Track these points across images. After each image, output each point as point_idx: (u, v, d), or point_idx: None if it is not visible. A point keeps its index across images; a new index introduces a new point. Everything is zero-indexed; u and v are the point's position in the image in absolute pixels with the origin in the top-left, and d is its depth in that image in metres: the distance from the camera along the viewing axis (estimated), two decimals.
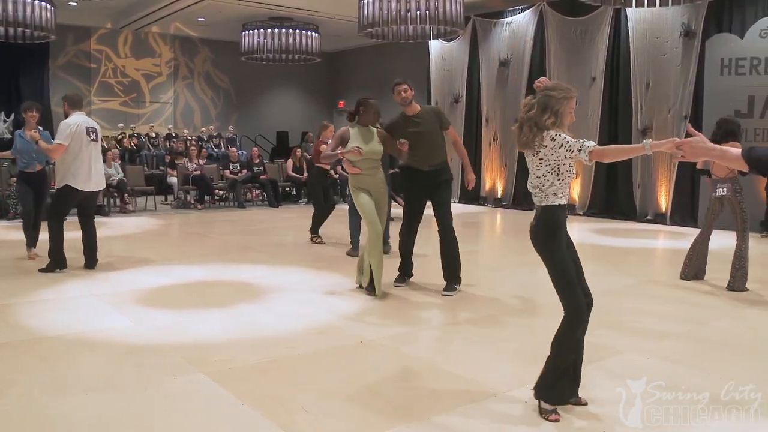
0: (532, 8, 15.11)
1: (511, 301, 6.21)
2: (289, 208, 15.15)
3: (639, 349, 4.83)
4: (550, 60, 14.74)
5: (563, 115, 3.75)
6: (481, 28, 16.20)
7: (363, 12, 12.05)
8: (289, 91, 22.46)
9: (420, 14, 11.72)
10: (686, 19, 12.55)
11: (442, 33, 13.36)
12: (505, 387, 3.98)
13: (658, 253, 10.23)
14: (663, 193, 13.12)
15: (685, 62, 12.62)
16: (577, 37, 14.29)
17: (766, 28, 11.62)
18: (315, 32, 17.50)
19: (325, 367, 4.35)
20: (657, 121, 13.07)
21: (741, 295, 6.62)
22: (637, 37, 13.31)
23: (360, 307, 5.98)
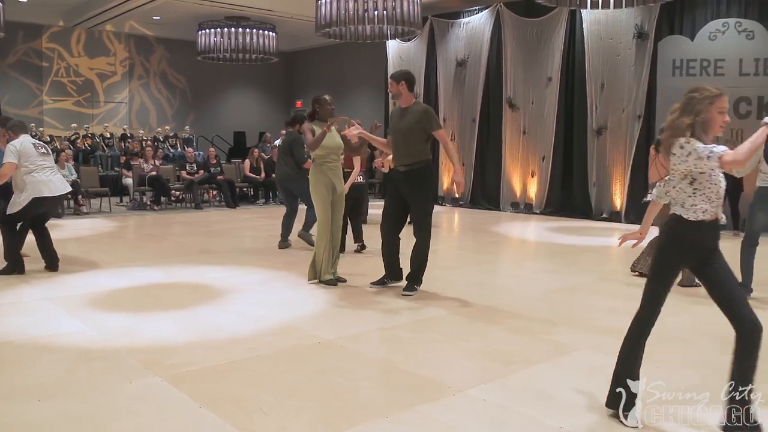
0: (489, 9, 15.24)
1: (469, 300, 6.24)
2: (247, 208, 15.04)
3: (595, 346, 4.89)
4: (506, 60, 14.89)
5: (708, 121, 3.32)
6: (439, 28, 16.28)
7: (320, 12, 12.02)
8: (247, 91, 22.32)
9: (377, 14, 11.74)
10: (639, 21, 12.78)
11: (399, 33, 13.38)
12: (464, 385, 4.00)
13: (614, 251, 10.38)
14: (618, 191, 13.33)
15: (639, 63, 12.85)
16: (534, 37, 14.45)
17: (714, 30, 11.91)
18: (272, 32, 17.41)
19: (284, 367, 4.33)
20: (611, 121, 13.28)
21: (692, 291, 6.75)
22: (591, 39, 13.51)
23: (318, 307, 5.96)
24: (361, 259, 8.46)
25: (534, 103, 14.53)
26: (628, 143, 13.08)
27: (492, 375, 4.20)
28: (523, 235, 11.90)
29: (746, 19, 11.72)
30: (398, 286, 6.61)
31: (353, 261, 8.31)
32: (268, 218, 12.86)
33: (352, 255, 8.69)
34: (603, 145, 13.46)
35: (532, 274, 7.96)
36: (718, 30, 11.88)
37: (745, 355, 3.31)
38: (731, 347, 3.49)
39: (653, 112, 12.58)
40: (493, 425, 3.49)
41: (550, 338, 5.08)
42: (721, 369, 4.38)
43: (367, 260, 8.42)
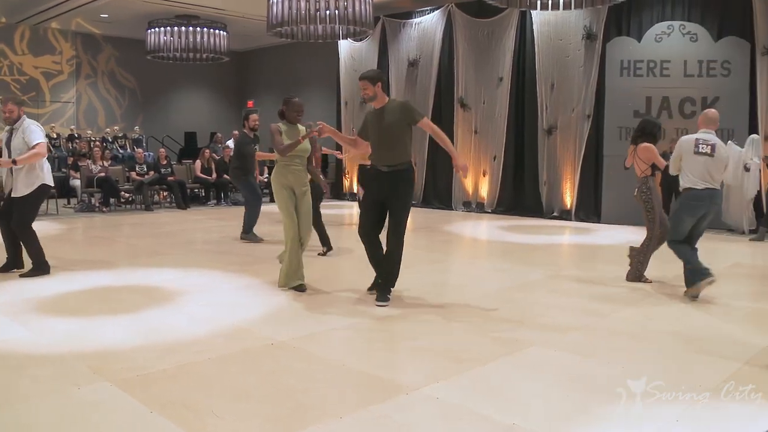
0: (441, 9, 15.33)
1: (422, 299, 6.26)
2: (198, 209, 14.88)
3: (546, 343, 4.95)
4: (458, 60, 15.00)
5: None
6: (391, 28, 16.32)
7: (272, 11, 11.95)
8: (197, 90, 22.06)
9: (329, 14, 11.72)
10: (588, 22, 13.00)
11: (351, 33, 13.39)
12: (418, 384, 4.01)
13: (564, 249, 10.52)
14: (568, 190, 13.53)
15: (588, 64, 13.07)
16: (485, 38, 14.58)
17: (660, 32, 12.18)
18: (223, 31, 17.25)
19: (236, 370, 4.29)
20: (561, 121, 13.48)
21: (639, 287, 6.88)
22: (542, 39, 13.69)
23: (271, 308, 5.92)
24: (313, 260, 8.43)
25: (485, 103, 14.66)
26: (578, 142, 13.29)
27: (445, 373, 4.22)
28: (476, 234, 11.99)
29: (690, 22, 12.01)
30: (349, 284, 6.61)
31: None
32: (219, 219, 12.74)
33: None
34: (553, 144, 13.65)
35: (485, 272, 8.03)
36: (664, 32, 12.15)
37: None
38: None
39: (602, 111, 12.80)
40: (447, 424, 3.50)
41: (503, 336, 5.13)
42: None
43: (319, 261, 8.41)
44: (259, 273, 7.45)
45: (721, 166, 6.44)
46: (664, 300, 6.39)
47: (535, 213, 13.90)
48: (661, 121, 7.52)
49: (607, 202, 12.71)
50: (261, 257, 8.61)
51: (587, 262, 9.03)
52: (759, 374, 4.30)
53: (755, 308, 6.22)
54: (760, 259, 9.12)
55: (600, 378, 4.20)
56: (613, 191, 12.50)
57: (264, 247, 9.34)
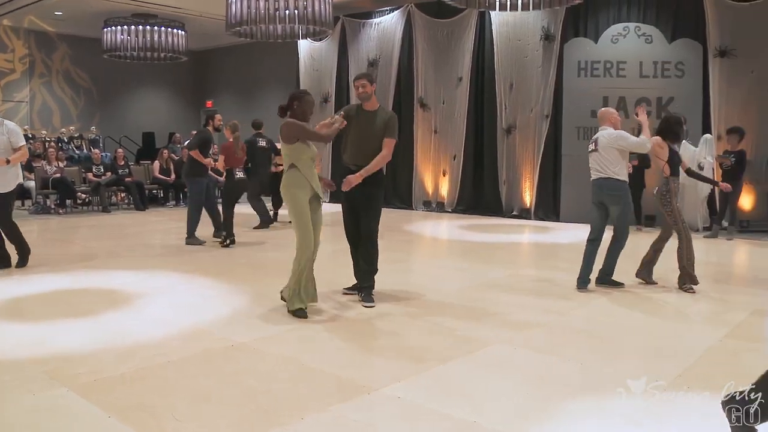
0: (400, 9, 15.37)
1: (383, 299, 6.27)
2: (157, 211, 14.71)
3: (506, 340, 5.00)
4: (418, 60, 15.06)
5: None
6: (350, 28, 16.32)
7: (231, 10, 11.87)
8: (155, 90, 21.80)
9: (289, 14, 11.68)
10: (546, 23, 13.15)
11: (311, 33, 13.37)
12: (379, 384, 4.03)
13: (524, 247, 10.63)
14: (527, 189, 13.67)
15: (546, 64, 13.22)
16: (444, 38, 14.66)
17: (616, 34, 12.37)
18: (181, 30, 17.07)
19: (196, 372, 4.26)
20: (520, 120, 13.61)
21: (601, 287, 6.96)
22: (500, 40, 13.81)
23: (231, 309, 5.89)
24: (265, 260, 8.40)
25: (445, 102, 14.73)
26: (537, 142, 13.43)
27: (406, 373, 4.24)
28: (436, 233, 12.04)
29: (645, 24, 12.22)
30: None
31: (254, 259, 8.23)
32: (178, 220, 12.60)
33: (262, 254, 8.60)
34: (512, 144, 13.77)
35: (445, 271, 8.07)
36: (620, 33, 12.33)
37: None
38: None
39: (560, 111, 12.95)
40: (409, 423, 3.52)
41: (464, 334, 5.17)
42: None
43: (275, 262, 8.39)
44: (218, 274, 7.40)
45: (608, 155, 6.79)
46: (624, 298, 6.49)
47: (494, 212, 14.01)
48: (683, 117, 7.19)
49: (565, 201, 12.87)
50: (221, 259, 8.55)
51: (546, 260, 9.12)
52: (713, 368, 4.40)
53: (710, 304, 6.35)
54: (714, 255, 9.31)
55: (559, 375, 4.26)
56: (571, 190, 12.65)
57: (221, 249, 9.27)
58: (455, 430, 3.44)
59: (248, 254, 8.90)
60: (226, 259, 8.50)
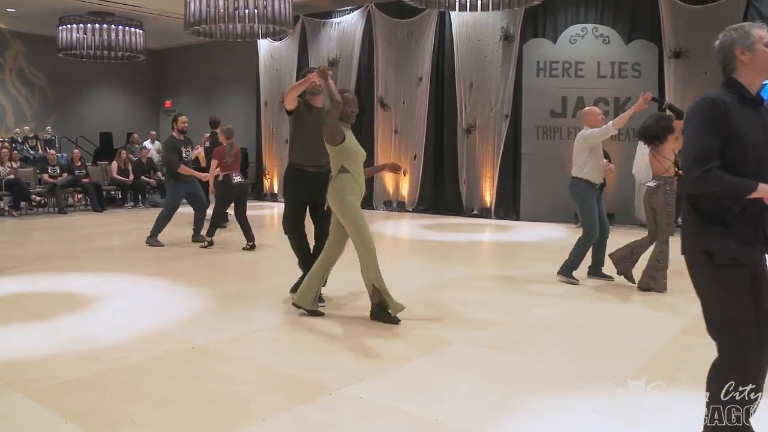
0: (360, 9, 15.36)
1: (344, 299, 6.28)
2: (115, 212, 14.51)
3: (468, 339, 5.03)
4: (378, 60, 15.06)
5: None
6: (310, 27, 16.27)
7: (189, 9, 11.72)
8: (113, 90, 21.47)
9: (248, 13, 11.57)
10: (505, 23, 13.25)
11: (270, 32, 13.27)
12: (341, 384, 4.02)
13: (484, 246, 10.70)
14: (487, 188, 13.76)
15: (505, 64, 13.32)
16: (404, 38, 14.69)
17: (575, 35, 12.51)
18: (139, 29, 16.81)
19: (156, 375, 4.21)
20: (480, 120, 13.69)
21: (561, 284, 7.04)
22: (460, 40, 13.88)
23: (191, 311, 5.83)
24: (233, 261, 8.34)
25: (405, 102, 14.76)
26: (497, 141, 13.52)
27: (368, 372, 4.25)
28: (397, 232, 12.07)
29: (602, 25, 12.39)
30: (268, 287, 6.56)
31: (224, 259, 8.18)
32: (137, 222, 12.45)
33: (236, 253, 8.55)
34: (472, 143, 13.86)
35: (406, 270, 8.08)
36: (578, 34, 12.48)
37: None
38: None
39: (519, 111, 13.07)
40: (371, 422, 3.52)
41: (425, 333, 5.19)
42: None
43: (239, 263, 8.34)
44: (179, 276, 7.32)
45: (577, 156, 7.03)
46: (585, 295, 6.57)
47: (455, 211, 14.08)
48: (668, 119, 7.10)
49: (525, 200, 12.99)
50: (182, 260, 8.47)
51: (507, 259, 9.20)
52: (671, 363, 4.48)
53: (669, 299, 6.46)
54: (671, 251, 9.46)
55: (521, 372, 4.30)
56: (531, 189, 12.78)
57: (183, 250, 9.18)
58: (417, 429, 3.45)
59: (210, 256, 8.82)
60: (187, 261, 8.41)
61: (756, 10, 11.19)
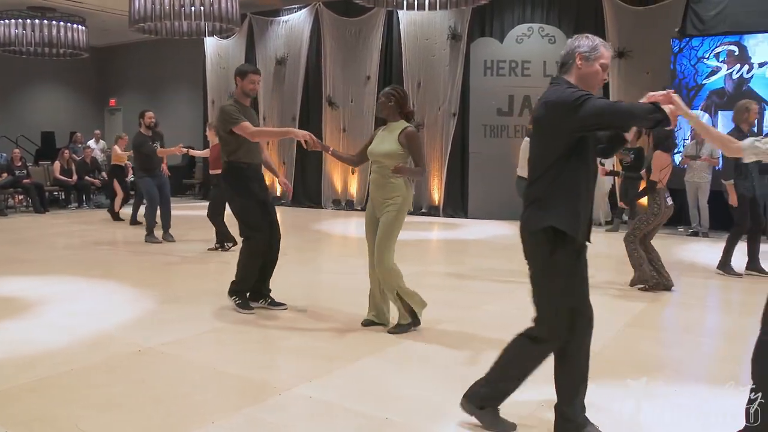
0: (308, 7, 15.33)
1: (292, 299, 6.23)
2: (58, 213, 14.19)
3: (417, 337, 5.06)
4: (326, 59, 15.05)
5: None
6: (258, 26, 16.16)
7: (133, 6, 11.52)
8: (55, 88, 20.99)
9: (195, 10, 11.43)
10: (453, 23, 13.36)
11: (217, 30, 13.13)
12: (290, 384, 4.01)
13: (433, 244, 10.77)
14: (436, 187, 13.85)
15: (453, 63, 13.44)
16: (352, 36, 14.70)
17: (521, 34, 12.68)
18: (81, 25, 16.45)
19: (102, 380, 4.13)
20: (428, 118, 13.79)
21: (511, 278, 7.14)
22: (408, 39, 13.95)
23: (137, 314, 5.74)
24: (186, 262, 8.24)
25: (353, 101, 14.78)
26: (445, 140, 13.63)
27: (317, 372, 4.24)
28: (346, 231, 12.06)
29: (548, 25, 12.59)
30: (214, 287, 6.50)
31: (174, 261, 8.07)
32: (81, 223, 12.21)
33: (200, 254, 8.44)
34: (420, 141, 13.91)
35: (355, 269, 8.07)
36: (525, 34, 12.66)
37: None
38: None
39: (467, 110, 13.20)
40: (320, 422, 3.52)
41: (374, 332, 5.20)
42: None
43: (186, 265, 8.24)
44: (124, 278, 7.19)
45: (522, 155, 7.33)
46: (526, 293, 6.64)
47: None
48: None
49: (473, 198, 13.11)
50: (127, 262, 8.33)
51: (455, 256, 9.27)
52: (615, 356, 4.57)
53: (612, 294, 6.58)
54: (615, 249, 9.65)
55: (470, 369, 4.33)
56: (479, 187, 12.90)
57: (131, 251, 9.04)
58: (368, 427, 3.46)
59: (156, 257, 8.70)
60: (133, 263, 8.28)
61: (694, 12, 11.50)
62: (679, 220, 11.75)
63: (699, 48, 11.48)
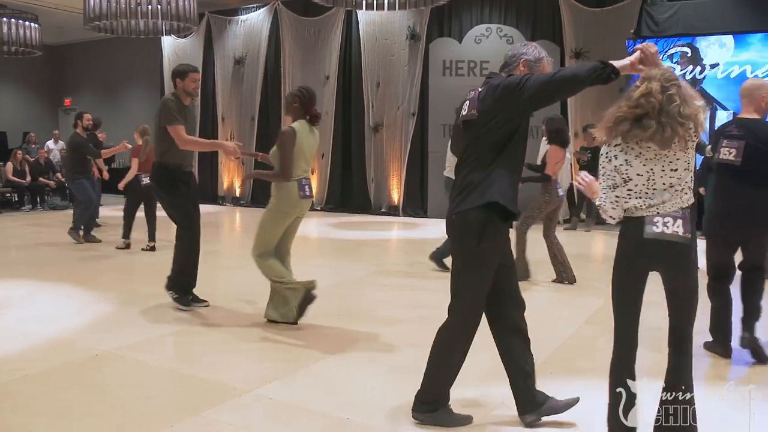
0: (267, 7, 15.25)
1: (252, 300, 6.21)
2: (11, 215, 13.89)
3: (377, 337, 5.07)
4: (285, 58, 14.99)
5: None
6: (216, 25, 16.03)
7: (88, 3, 11.31)
8: (6, 87, 20.55)
9: (151, 9, 11.27)
10: (412, 23, 13.41)
11: (175, 29, 12.98)
12: (250, 385, 3.99)
13: (393, 244, 10.80)
14: (395, 186, 13.89)
15: (412, 63, 13.49)
16: (311, 36, 14.66)
17: (479, 34, 12.78)
18: (34, 23, 16.12)
19: (58, 385, 4.06)
20: (387, 118, 13.81)
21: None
22: (367, 39, 13.96)
23: (93, 317, 5.65)
24: (135, 262, 8.14)
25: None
26: (404, 139, 13.67)
27: (277, 373, 4.22)
28: (305, 231, 11.99)
29: (506, 26, 12.71)
30: None
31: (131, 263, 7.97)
32: (35, 225, 11.98)
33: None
34: (380, 141, 13.96)
35: (315, 269, 8.05)
36: (483, 34, 12.76)
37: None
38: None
39: (426, 109, 13.27)
40: (281, 423, 3.51)
41: (334, 332, 5.20)
42: None
43: (141, 266, 8.14)
44: (82, 281, 7.07)
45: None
46: None
47: (363, 209, 14.16)
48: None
49: (433, 198, 13.17)
50: (84, 264, 8.20)
51: (415, 256, 9.28)
52: (574, 354, 4.63)
53: (571, 292, 6.67)
54: (574, 247, 9.77)
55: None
56: (438, 187, 12.89)
57: (86, 253, 8.89)
58: (329, 427, 3.46)
59: (114, 259, 8.58)
60: (90, 265, 8.16)
61: (648, 14, 11.71)
62: None
63: None
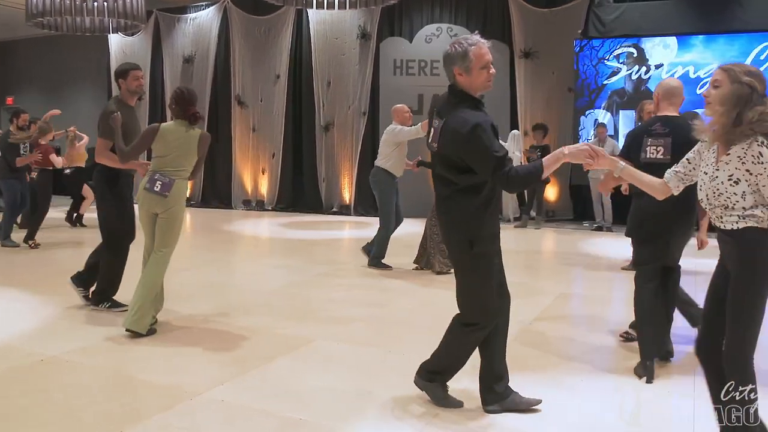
0: (216, 5, 15.11)
1: (203, 301, 6.14)
2: None
3: (329, 336, 5.05)
4: (234, 57, 14.87)
5: None
6: (164, 23, 15.82)
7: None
8: None
9: (97, 6, 11.06)
10: (362, 22, 13.42)
11: (122, 27, 12.77)
12: (201, 388, 3.94)
13: (345, 243, 10.78)
14: (346, 186, 13.88)
15: (363, 62, 13.50)
16: (262, 35, 14.58)
17: (430, 34, 12.85)
18: None
19: (2, 392, 3.94)
20: (338, 117, 13.82)
21: (420, 276, 7.22)
22: (318, 38, 13.93)
23: (39, 322, 5.51)
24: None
25: (263, 100, 14.65)
26: (355, 139, 13.67)
27: (229, 375, 4.18)
28: (256, 232, 11.95)
29: (456, 25, 12.79)
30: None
31: None
32: None
33: None
34: (331, 141, 13.94)
35: (267, 270, 8.03)
36: (433, 34, 12.82)
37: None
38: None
39: (377, 108, 13.29)
40: (235, 425, 3.47)
41: (286, 332, 5.16)
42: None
43: None
44: (25, 284, 6.89)
45: (383, 149, 8.00)
46: (441, 286, 6.73)
47: (314, 209, 14.13)
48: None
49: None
50: (27, 267, 8.01)
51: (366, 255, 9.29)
52: (525, 350, 4.68)
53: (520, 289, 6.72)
54: (523, 244, 9.91)
55: (383, 367, 4.37)
56: None
57: (30, 257, 8.68)
58: (282, 428, 3.43)
59: (58, 261, 8.40)
60: (33, 267, 7.97)
61: (595, 15, 11.91)
62: (584, 216, 12.15)
63: (599, 49, 11.90)
